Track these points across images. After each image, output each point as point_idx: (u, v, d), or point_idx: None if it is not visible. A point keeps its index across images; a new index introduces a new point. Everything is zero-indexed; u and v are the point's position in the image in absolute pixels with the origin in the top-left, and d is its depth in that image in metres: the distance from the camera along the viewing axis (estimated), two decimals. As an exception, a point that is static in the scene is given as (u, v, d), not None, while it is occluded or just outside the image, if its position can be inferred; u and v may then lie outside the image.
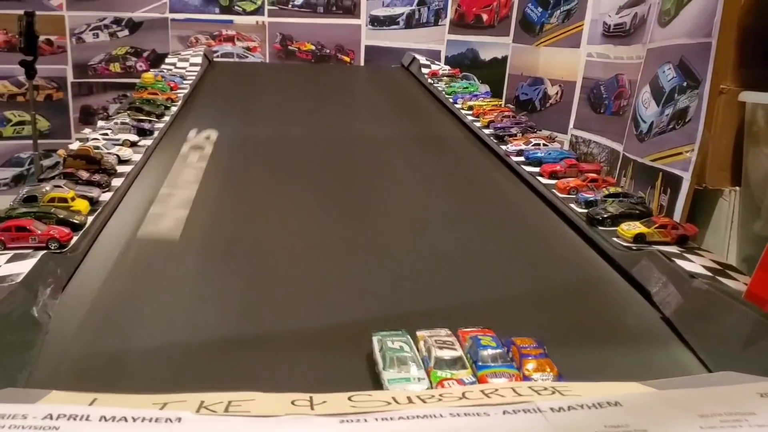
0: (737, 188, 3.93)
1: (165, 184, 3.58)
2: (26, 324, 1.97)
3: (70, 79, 8.16)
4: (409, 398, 1.56)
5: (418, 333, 1.99)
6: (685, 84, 4.17)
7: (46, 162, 7.18)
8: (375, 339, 1.96)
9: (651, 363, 2.07)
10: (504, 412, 1.43)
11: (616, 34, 5.71)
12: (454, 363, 1.86)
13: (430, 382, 1.82)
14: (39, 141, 7.15)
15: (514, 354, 1.96)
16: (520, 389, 1.60)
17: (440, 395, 1.59)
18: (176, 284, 2.47)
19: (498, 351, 1.92)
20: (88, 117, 8.12)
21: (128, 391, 1.56)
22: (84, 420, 1.32)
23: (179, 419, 1.35)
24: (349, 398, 1.55)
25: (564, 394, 1.58)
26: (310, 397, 1.56)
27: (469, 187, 3.85)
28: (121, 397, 1.52)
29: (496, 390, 1.61)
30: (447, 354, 1.87)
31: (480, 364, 1.88)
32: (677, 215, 3.93)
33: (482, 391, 1.60)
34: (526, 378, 1.88)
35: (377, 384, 1.74)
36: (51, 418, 1.31)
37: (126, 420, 1.33)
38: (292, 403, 1.53)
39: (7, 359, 1.81)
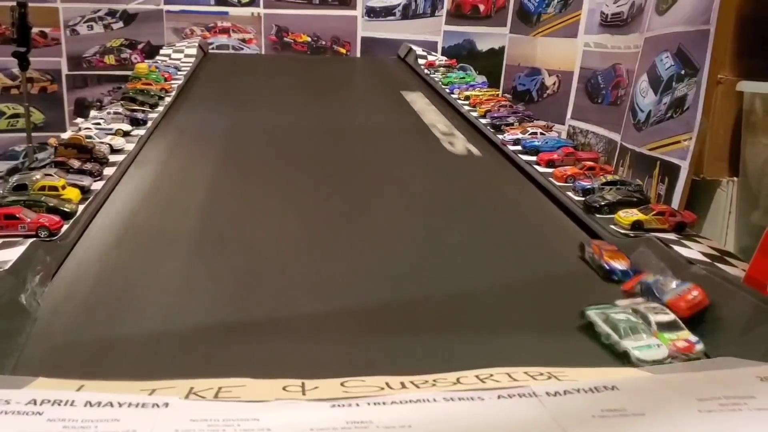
0: (735, 178, 3.91)
1: (158, 174, 3.55)
2: (14, 311, 1.94)
3: (64, 71, 8.10)
4: (402, 383, 1.54)
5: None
6: (683, 72, 4.14)
7: (41, 155, 7.12)
8: (593, 313, 2.04)
9: (648, 349, 2.04)
10: (499, 397, 1.41)
11: (613, 24, 5.68)
12: (673, 326, 1.95)
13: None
14: (33, 134, 7.10)
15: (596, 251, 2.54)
16: (516, 374, 1.58)
17: (434, 380, 1.57)
18: (168, 273, 2.44)
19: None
20: (82, 109, 8.06)
21: (117, 379, 1.53)
22: (69, 405, 1.29)
23: (166, 404, 1.33)
24: (342, 384, 1.53)
25: (560, 379, 1.56)
26: (302, 383, 1.53)
27: (465, 177, 3.82)
28: (109, 384, 1.49)
29: (491, 375, 1.58)
30: (664, 318, 1.97)
31: None
32: (675, 204, 3.91)
33: (477, 377, 1.58)
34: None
35: (367, 370, 1.69)
36: (35, 403, 1.29)
37: (112, 405, 1.31)
38: (284, 389, 1.51)
39: (-6, 346, 1.78)
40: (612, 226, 2.85)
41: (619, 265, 2.47)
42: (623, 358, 1.88)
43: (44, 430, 1.21)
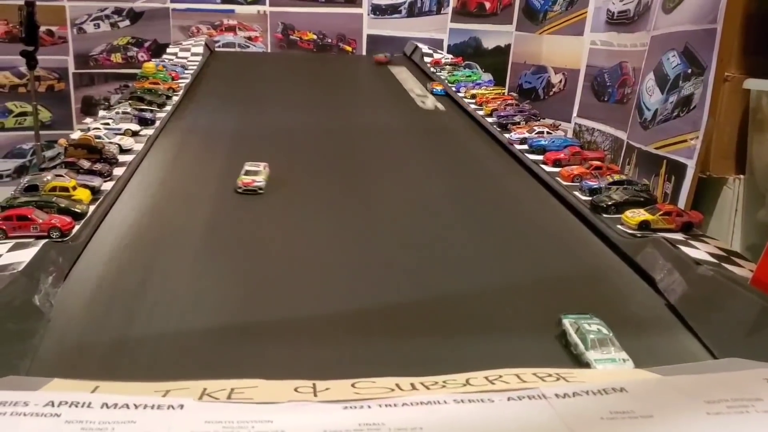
0: (741, 176, 3.91)
1: (167, 173, 3.57)
2: (28, 312, 1.96)
3: (71, 69, 8.13)
4: (412, 385, 1.55)
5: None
6: (689, 71, 4.15)
7: (49, 153, 7.17)
8: (567, 321, 2.03)
9: (656, 350, 2.05)
10: (509, 399, 1.42)
11: (619, 22, 5.67)
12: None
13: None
14: (41, 132, 7.14)
15: None
16: (524, 376, 1.59)
17: (444, 381, 1.58)
18: (179, 273, 2.46)
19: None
20: (89, 107, 8.10)
21: (131, 379, 1.55)
22: (86, 407, 1.31)
23: (181, 406, 1.34)
24: (353, 385, 1.54)
25: (568, 381, 1.57)
26: (313, 384, 1.55)
27: (472, 176, 3.83)
28: (124, 385, 1.51)
29: (500, 377, 1.60)
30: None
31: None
32: (681, 203, 3.92)
33: (486, 378, 1.59)
34: None
35: (377, 371, 1.71)
36: (53, 405, 1.31)
37: (128, 407, 1.33)
38: (295, 390, 1.52)
39: (9, 347, 1.80)
40: (619, 226, 2.86)
41: None
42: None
43: (63, 431, 1.23)
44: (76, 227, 2.61)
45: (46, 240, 2.42)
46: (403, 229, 3.02)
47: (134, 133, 4.01)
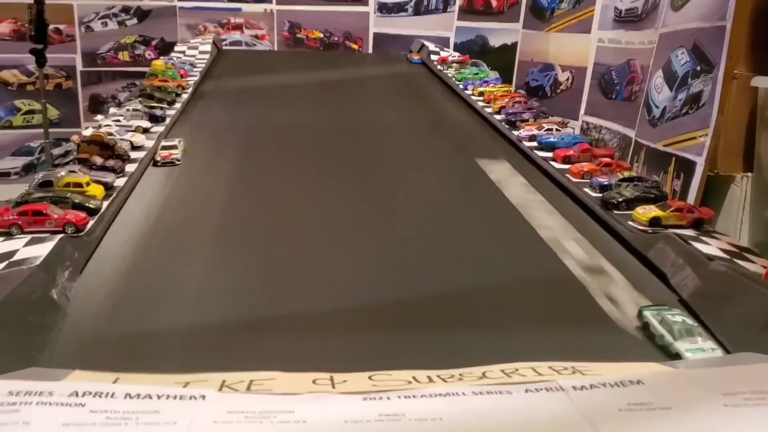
0: (749, 174, 3.91)
1: (178, 170, 3.59)
2: (46, 306, 1.98)
3: (79, 67, 8.15)
4: (429, 377, 1.57)
5: None
6: (698, 68, 4.15)
7: (56, 150, 7.20)
8: (648, 313, 2.09)
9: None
10: (526, 391, 1.43)
11: (627, 19, 5.67)
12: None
13: None
14: (49, 130, 7.16)
15: None
16: (540, 369, 1.61)
17: (460, 374, 1.59)
18: (193, 267, 2.48)
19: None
20: (97, 106, 8.12)
21: (150, 372, 1.56)
22: (109, 397, 1.33)
23: (203, 396, 1.36)
24: (370, 377, 1.56)
25: (584, 374, 1.58)
26: (331, 377, 1.56)
27: (481, 172, 3.83)
28: (143, 377, 1.53)
29: (517, 370, 1.61)
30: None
31: None
32: (690, 200, 3.92)
33: (503, 371, 1.61)
34: None
35: (392, 364, 1.73)
36: (77, 395, 1.32)
37: (150, 397, 1.34)
38: (314, 382, 1.54)
39: (29, 340, 1.82)
40: (630, 223, 2.86)
41: None
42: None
43: (88, 420, 1.24)
44: (91, 222, 2.63)
45: (62, 235, 2.44)
46: (416, 224, 3.04)
47: (145, 130, 4.04)
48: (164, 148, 3.66)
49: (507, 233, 2.99)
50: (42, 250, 2.25)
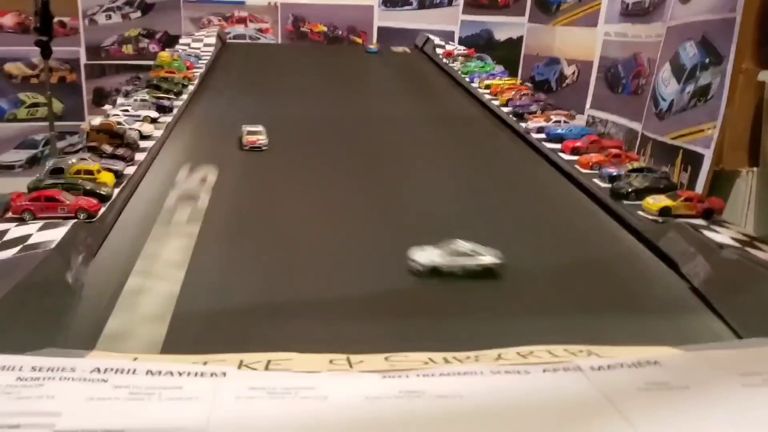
0: (755, 168, 3.91)
1: (187, 159, 3.59)
2: (61, 289, 1.99)
3: (83, 60, 8.15)
4: (445, 359, 1.57)
5: None
6: (707, 61, 4.14)
7: (60, 144, 7.20)
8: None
9: (681, 330, 2.06)
10: (544, 371, 1.44)
11: (634, 13, 5.66)
12: None
13: None
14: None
15: None
16: (556, 351, 1.61)
17: (476, 356, 1.60)
18: (203, 252, 2.48)
19: None
20: (100, 99, 8.12)
21: (166, 352, 1.57)
22: (131, 373, 1.34)
23: (224, 374, 1.37)
24: (386, 358, 1.56)
25: (600, 356, 1.58)
26: (348, 357, 1.57)
27: (490, 164, 3.84)
28: (161, 357, 1.53)
29: (532, 352, 1.61)
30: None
31: None
32: (698, 192, 3.91)
33: (518, 353, 1.61)
34: None
35: (408, 347, 1.73)
36: (99, 371, 1.33)
37: (172, 374, 1.35)
38: (330, 362, 1.54)
39: (46, 322, 1.82)
40: (639, 212, 2.86)
41: None
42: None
43: (111, 395, 1.25)
44: (102, 209, 2.63)
45: (75, 221, 2.44)
46: (426, 213, 3.04)
47: (153, 120, 4.04)
48: (250, 133, 3.79)
49: (515, 222, 2.99)
50: (55, 235, 2.25)
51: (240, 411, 1.22)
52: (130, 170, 3.17)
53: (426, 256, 2.37)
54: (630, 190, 3.02)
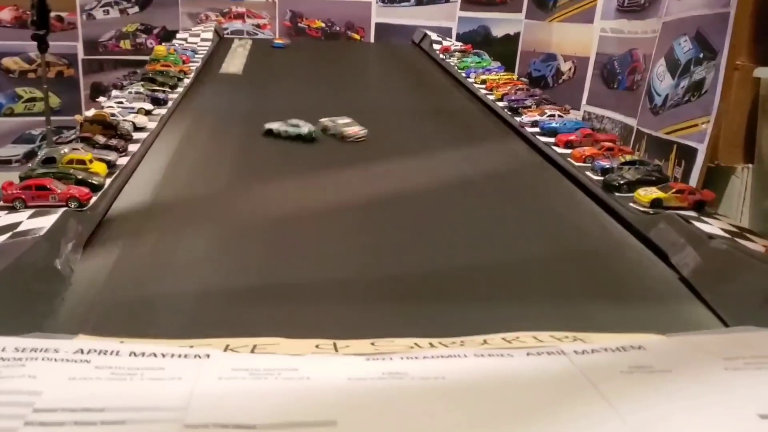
0: (750, 165, 3.92)
1: (181, 151, 3.60)
2: (50, 275, 1.99)
3: (80, 55, 8.14)
4: (431, 344, 1.58)
5: None
6: (701, 55, 4.15)
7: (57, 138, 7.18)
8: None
9: (669, 320, 2.08)
10: (528, 354, 1.44)
11: (630, 9, 5.67)
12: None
13: None
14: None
15: None
16: (541, 337, 1.62)
17: (462, 341, 1.61)
18: (195, 242, 2.49)
19: None
20: (98, 94, 8.10)
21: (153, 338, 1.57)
22: (114, 355, 1.34)
23: (208, 356, 1.37)
24: (372, 343, 1.57)
25: (586, 342, 1.59)
26: (334, 343, 1.57)
27: (484, 157, 3.84)
28: (146, 341, 1.53)
29: (518, 337, 1.62)
30: None
31: None
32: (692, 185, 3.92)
33: (504, 339, 1.62)
34: None
35: (395, 333, 1.74)
36: (82, 352, 1.33)
37: (155, 355, 1.35)
38: (317, 347, 1.55)
39: (34, 307, 1.83)
40: (631, 204, 2.87)
41: None
42: None
43: (93, 376, 1.25)
44: (94, 198, 2.64)
45: (66, 209, 2.45)
46: (418, 203, 3.05)
47: (147, 112, 4.04)
48: (348, 125, 4.03)
49: (509, 213, 3.00)
50: (46, 222, 2.26)
51: (221, 390, 1.22)
52: (123, 161, 3.17)
53: (271, 124, 3.78)
54: (622, 182, 3.03)
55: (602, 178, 3.18)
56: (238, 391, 1.24)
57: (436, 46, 6.92)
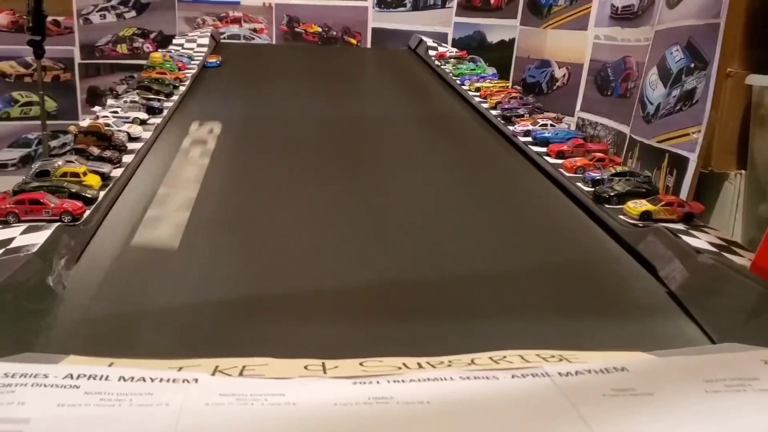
0: (743, 171, 3.94)
1: (175, 161, 3.61)
2: (42, 292, 2.01)
3: (77, 60, 8.15)
4: (419, 363, 1.60)
5: None
6: (692, 65, 4.17)
7: (54, 143, 7.21)
8: None
9: (656, 335, 2.10)
10: (513, 376, 1.46)
11: (624, 16, 5.69)
12: None
13: None
14: (46, 122, 7.17)
15: None
16: (528, 356, 1.64)
17: (450, 361, 1.63)
18: (188, 256, 2.50)
19: None
20: (95, 98, 8.11)
21: (144, 357, 1.59)
22: (104, 380, 1.36)
23: (196, 380, 1.39)
24: (360, 364, 1.59)
25: (571, 361, 1.61)
26: (323, 363, 1.59)
27: (476, 166, 3.87)
28: (137, 362, 1.55)
29: (504, 357, 1.64)
30: None
31: None
32: (683, 195, 3.94)
33: (491, 358, 1.64)
34: None
35: (383, 351, 1.76)
36: (71, 377, 1.35)
37: (144, 380, 1.37)
38: (305, 367, 1.57)
39: (24, 325, 1.85)
40: (621, 216, 2.90)
41: None
42: None
43: (82, 402, 1.27)
44: (87, 212, 2.65)
45: (59, 224, 2.46)
46: (409, 215, 3.07)
47: (142, 122, 4.06)
48: None
49: (500, 225, 3.02)
50: (38, 238, 2.27)
51: (208, 417, 1.25)
52: (117, 172, 3.19)
53: None
54: (612, 194, 3.05)
55: (593, 189, 3.20)
56: (225, 417, 1.26)
57: (431, 52, 6.93)
